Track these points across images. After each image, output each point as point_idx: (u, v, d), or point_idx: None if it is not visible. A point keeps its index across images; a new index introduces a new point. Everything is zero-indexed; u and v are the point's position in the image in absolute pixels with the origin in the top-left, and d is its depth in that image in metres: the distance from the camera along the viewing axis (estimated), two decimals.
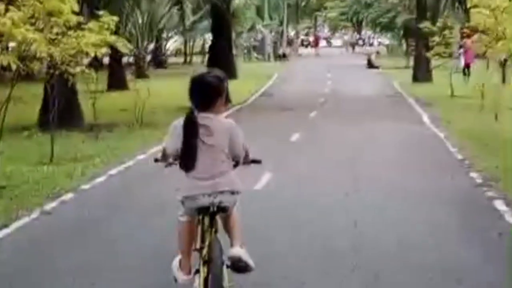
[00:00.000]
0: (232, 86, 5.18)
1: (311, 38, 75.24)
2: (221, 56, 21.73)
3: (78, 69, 11.57)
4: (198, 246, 4.90)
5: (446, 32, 24.59)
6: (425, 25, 25.83)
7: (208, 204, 4.78)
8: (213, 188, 4.77)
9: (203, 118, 4.75)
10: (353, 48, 64.58)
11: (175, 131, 4.81)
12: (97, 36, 11.37)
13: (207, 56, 41.47)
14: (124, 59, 31.05)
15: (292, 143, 14.02)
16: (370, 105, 21.88)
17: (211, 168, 4.77)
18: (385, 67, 41.99)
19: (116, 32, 12.39)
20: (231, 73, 22.64)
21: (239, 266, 4.95)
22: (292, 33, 68.07)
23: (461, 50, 33.15)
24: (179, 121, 4.81)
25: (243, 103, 22.33)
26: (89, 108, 16.15)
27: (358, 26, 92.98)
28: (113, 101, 21.27)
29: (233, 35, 33.01)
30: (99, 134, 14.80)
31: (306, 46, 69.63)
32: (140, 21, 35.36)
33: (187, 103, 4.82)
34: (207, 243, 4.81)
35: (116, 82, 28.38)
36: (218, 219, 4.93)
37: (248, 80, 31.31)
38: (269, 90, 28.03)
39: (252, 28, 48.76)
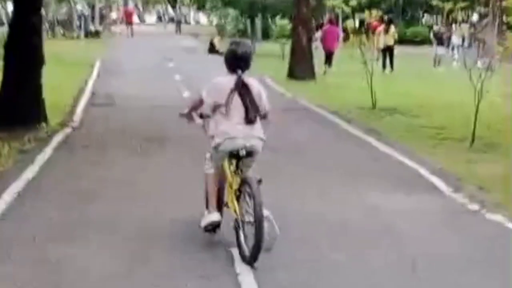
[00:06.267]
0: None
1: (114, 15, 63.25)
2: (27, 36, 12.23)
3: None
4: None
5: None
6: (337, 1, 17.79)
7: (241, 146, 6.03)
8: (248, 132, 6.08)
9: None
10: (179, 26, 55.23)
11: (217, 87, 6.14)
12: None
13: None
14: None
15: None
16: (284, 136, 13.25)
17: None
18: None
19: None
20: (40, 60, 12.90)
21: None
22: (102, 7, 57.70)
23: (319, 33, 25.96)
24: (223, 79, 6.16)
25: (66, 127, 12.85)
26: None
27: (173, 1, 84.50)
28: None
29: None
30: None
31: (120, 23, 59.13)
32: None
33: None
34: (237, 181, 6.06)
35: None
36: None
37: (62, 70, 21.65)
38: (101, 90, 18.52)
39: None
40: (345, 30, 21.49)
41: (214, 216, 6.19)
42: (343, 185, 8.96)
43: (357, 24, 18.20)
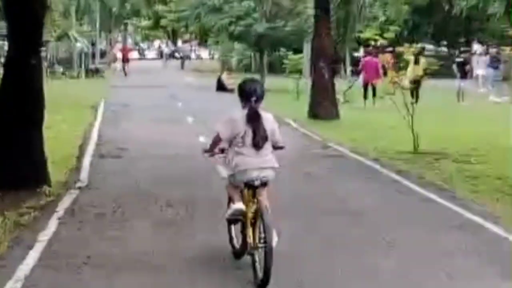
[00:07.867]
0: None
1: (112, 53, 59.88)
2: (25, 81, 10.27)
3: None
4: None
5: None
6: (371, 33, 15.88)
7: (255, 177, 6.31)
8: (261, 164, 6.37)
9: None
10: (183, 62, 53.36)
11: (232, 121, 6.37)
12: None
13: None
14: None
15: None
16: (333, 195, 11.19)
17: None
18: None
19: None
20: (41, 110, 10.83)
21: None
22: (103, 44, 55.97)
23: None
24: (237, 113, 6.40)
25: (72, 188, 10.82)
26: None
27: (173, 36, 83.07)
28: None
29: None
30: None
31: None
32: None
33: None
34: (252, 209, 6.32)
35: None
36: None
37: (64, 114, 19.78)
38: (108, 138, 16.43)
39: (62, 36, 36.73)
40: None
41: (239, 205, 6.39)
42: (434, 273, 6.95)
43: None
